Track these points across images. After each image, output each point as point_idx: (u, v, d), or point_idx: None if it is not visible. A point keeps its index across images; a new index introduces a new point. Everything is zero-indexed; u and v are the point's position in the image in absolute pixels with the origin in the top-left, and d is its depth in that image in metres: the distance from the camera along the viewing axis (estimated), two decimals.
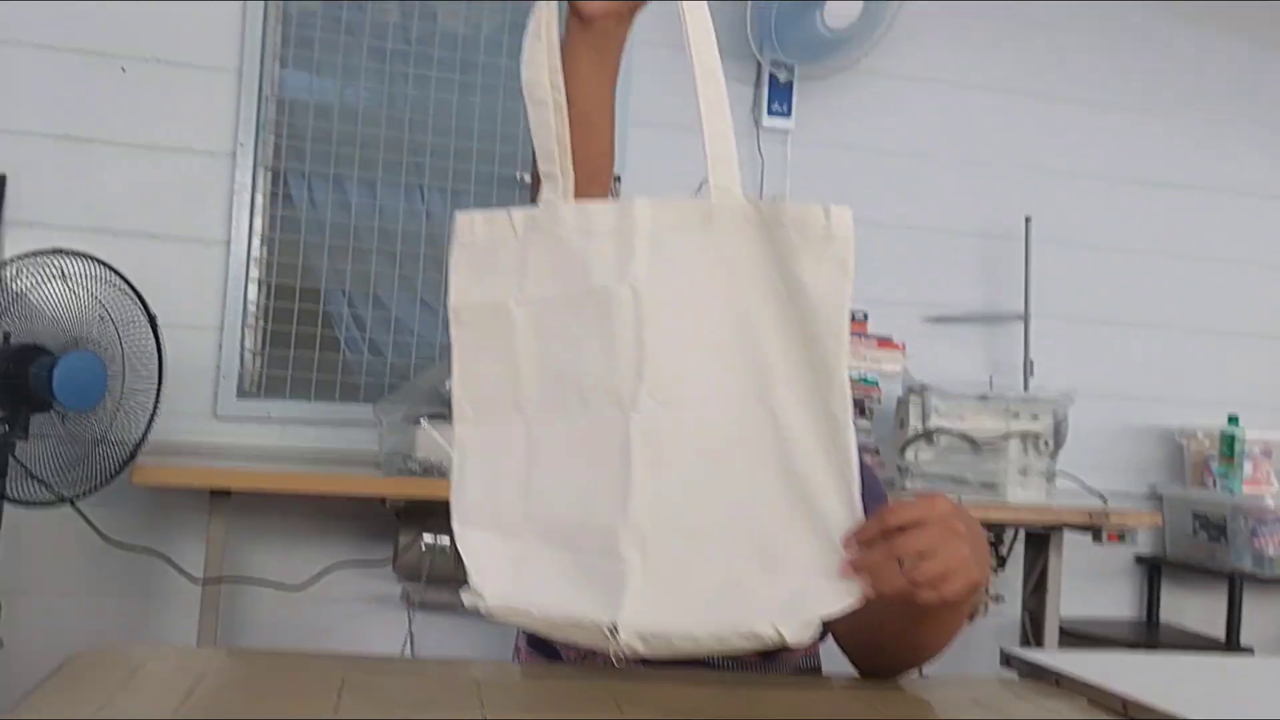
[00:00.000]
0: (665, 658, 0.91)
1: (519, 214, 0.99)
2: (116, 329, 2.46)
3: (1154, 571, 3.45)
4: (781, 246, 0.92)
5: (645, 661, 0.92)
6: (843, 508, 0.91)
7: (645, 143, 3.06)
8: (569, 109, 1.02)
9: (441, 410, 2.60)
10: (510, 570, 0.96)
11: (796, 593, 0.89)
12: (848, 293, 0.91)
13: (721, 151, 0.94)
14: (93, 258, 2.43)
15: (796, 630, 0.87)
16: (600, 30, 1.06)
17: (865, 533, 0.90)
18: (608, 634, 0.89)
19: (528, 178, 3.02)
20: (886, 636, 1.03)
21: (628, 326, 0.94)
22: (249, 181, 2.91)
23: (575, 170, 1.02)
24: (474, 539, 0.99)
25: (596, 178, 1.09)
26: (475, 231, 1.00)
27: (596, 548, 0.93)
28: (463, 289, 1.00)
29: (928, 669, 1.09)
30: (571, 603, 0.93)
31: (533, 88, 0.99)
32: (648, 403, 0.93)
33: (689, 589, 0.91)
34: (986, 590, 2.89)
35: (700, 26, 0.95)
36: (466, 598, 0.97)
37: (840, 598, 0.89)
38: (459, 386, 1.01)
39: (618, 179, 3.02)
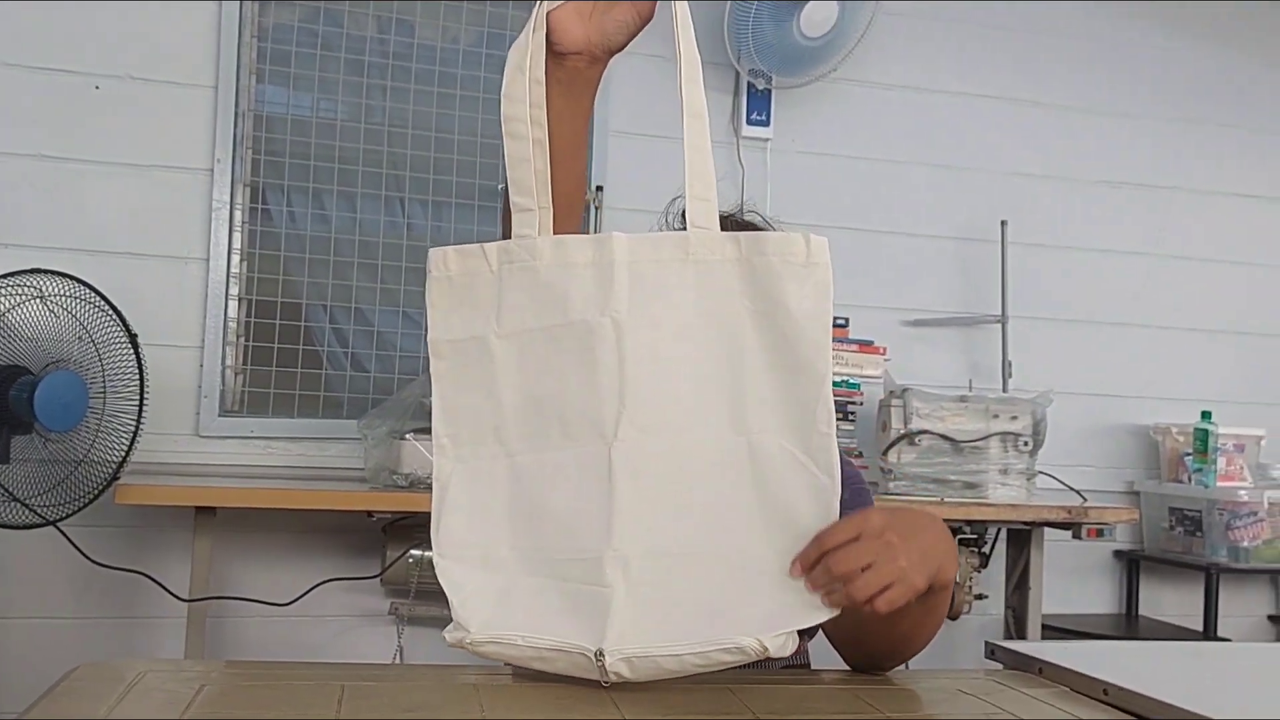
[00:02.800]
0: (651, 679, 0.93)
1: (493, 248, 1.00)
2: (97, 348, 2.46)
3: (1133, 566, 3.49)
4: (763, 275, 0.96)
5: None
6: (820, 523, 0.95)
7: (623, 152, 3.08)
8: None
9: (426, 424, 2.60)
10: (495, 602, 0.96)
11: (774, 610, 0.93)
12: (830, 315, 0.97)
13: (702, 191, 0.98)
14: (71, 277, 2.43)
15: (778, 642, 0.91)
16: (572, 68, 1.05)
17: (806, 557, 0.94)
18: (593, 660, 0.90)
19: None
20: (868, 633, 1.06)
21: (609, 357, 0.95)
22: (227, 198, 2.92)
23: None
24: (457, 573, 0.98)
25: (570, 212, 1.09)
26: (449, 266, 1.00)
27: (581, 575, 0.95)
28: (440, 323, 1.01)
29: (914, 663, 1.12)
30: (557, 631, 0.93)
31: (511, 122, 0.99)
32: (629, 430, 0.95)
33: (670, 611, 0.93)
34: (970, 589, 2.91)
35: (691, 71, 0.98)
36: (451, 634, 0.96)
37: (816, 611, 0.93)
38: (439, 420, 1.01)
39: (599, 188, 3.05)
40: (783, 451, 0.95)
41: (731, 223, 1.40)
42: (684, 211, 1.41)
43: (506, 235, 1.17)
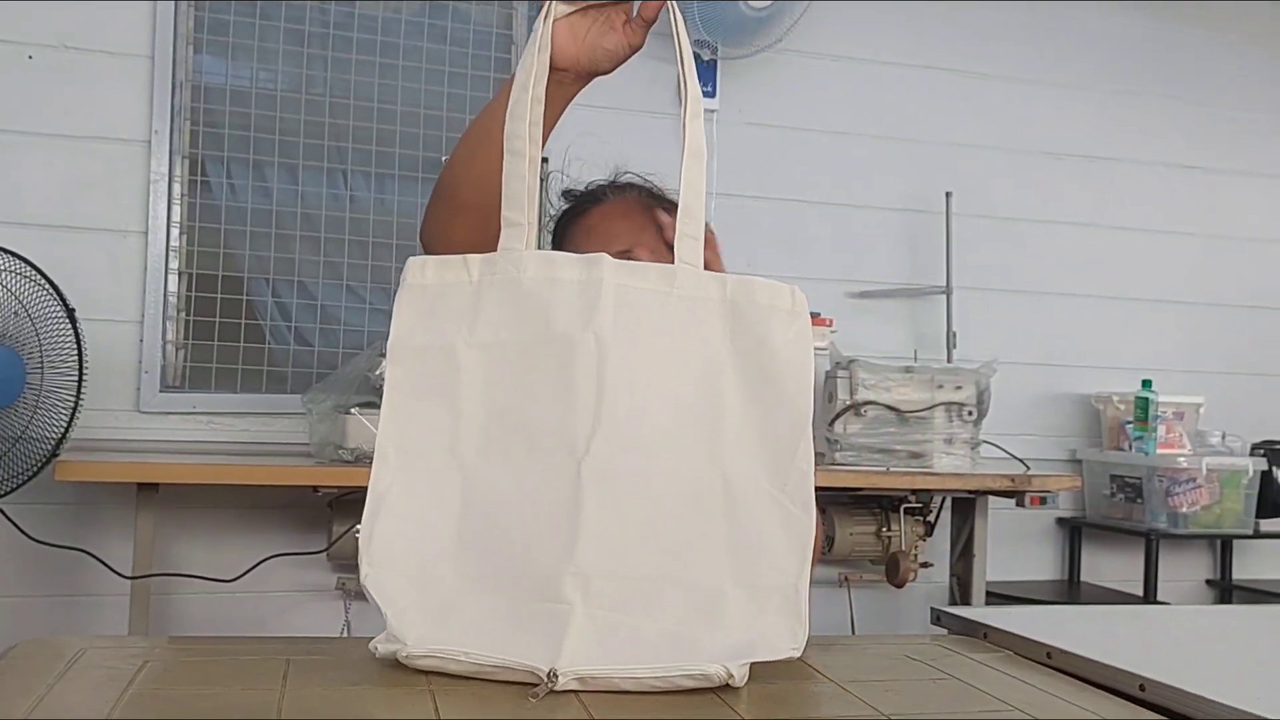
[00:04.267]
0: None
1: (475, 259, 0.98)
2: (33, 323, 2.41)
3: (1074, 533, 3.54)
4: (748, 315, 0.96)
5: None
6: (792, 561, 0.93)
7: (571, 122, 3.06)
8: (499, 145, 1.01)
9: (371, 399, 2.58)
10: (436, 617, 0.92)
11: (738, 643, 0.91)
12: (812, 362, 0.97)
13: (691, 229, 0.97)
14: (6, 250, 2.38)
15: (742, 671, 0.88)
16: (556, 81, 1.06)
17: None
18: (545, 679, 0.85)
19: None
20: None
21: (588, 373, 0.93)
22: (165, 170, 2.87)
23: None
24: (390, 585, 0.93)
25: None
26: (426, 274, 0.98)
27: (536, 593, 0.91)
28: (405, 330, 0.97)
29: (861, 630, 1.13)
30: (505, 648, 0.89)
31: (514, 139, 0.99)
32: (602, 447, 0.92)
33: (630, 636, 0.90)
34: (916, 557, 2.95)
35: (695, 107, 0.98)
36: (384, 646, 0.91)
37: (781, 646, 0.91)
38: (386, 427, 0.97)
39: (545, 160, 3.02)
40: (758, 489, 0.94)
41: (628, 189, 1.47)
42: (626, 183, 1.41)
43: (433, 209, 1.21)
